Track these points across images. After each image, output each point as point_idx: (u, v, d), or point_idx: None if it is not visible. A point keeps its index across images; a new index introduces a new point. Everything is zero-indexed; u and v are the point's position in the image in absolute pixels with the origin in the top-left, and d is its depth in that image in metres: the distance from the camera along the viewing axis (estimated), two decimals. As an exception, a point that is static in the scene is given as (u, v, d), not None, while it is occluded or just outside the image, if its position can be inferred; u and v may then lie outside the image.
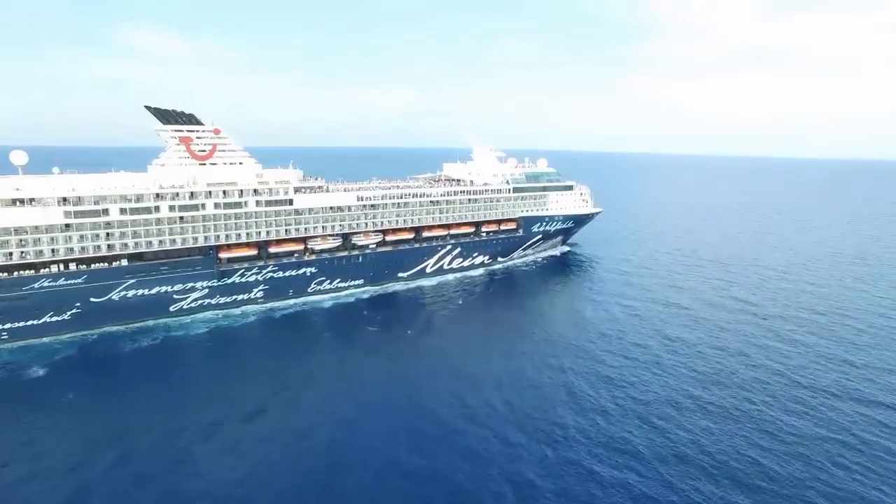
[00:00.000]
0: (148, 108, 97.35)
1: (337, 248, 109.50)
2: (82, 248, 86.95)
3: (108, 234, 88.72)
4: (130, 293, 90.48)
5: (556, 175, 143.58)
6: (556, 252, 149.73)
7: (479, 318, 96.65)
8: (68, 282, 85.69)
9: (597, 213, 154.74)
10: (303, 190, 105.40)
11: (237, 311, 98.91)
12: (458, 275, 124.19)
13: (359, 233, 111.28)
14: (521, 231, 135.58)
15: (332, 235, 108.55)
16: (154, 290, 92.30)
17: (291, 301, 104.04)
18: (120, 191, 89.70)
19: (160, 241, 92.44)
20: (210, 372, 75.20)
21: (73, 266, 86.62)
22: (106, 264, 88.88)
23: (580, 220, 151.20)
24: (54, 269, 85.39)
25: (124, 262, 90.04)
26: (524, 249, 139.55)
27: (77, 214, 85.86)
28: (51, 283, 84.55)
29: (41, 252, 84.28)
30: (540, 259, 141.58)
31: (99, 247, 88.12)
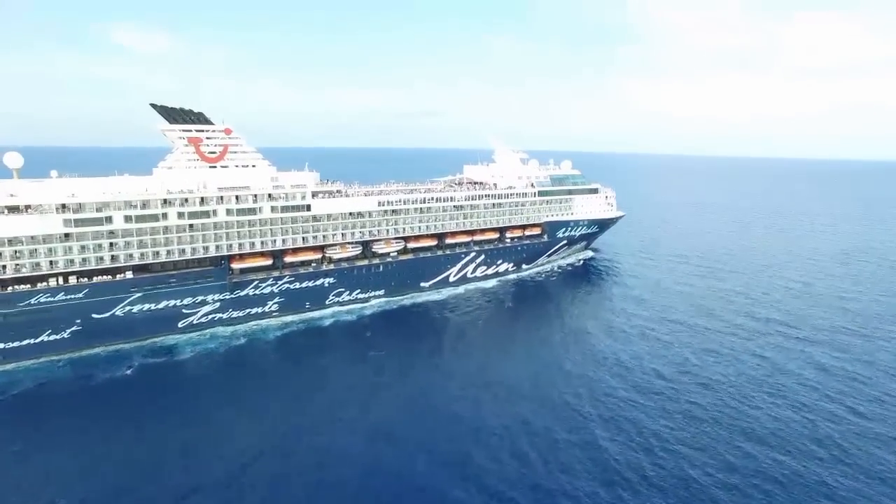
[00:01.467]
0: (154, 106, 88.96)
1: (356, 257, 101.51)
2: (83, 260, 78.69)
3: (111, 244, 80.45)
4: (136, 308, 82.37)
5: (580, 178, 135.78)
6: (580, 258, 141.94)
7: (496, 342, 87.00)
8: (68, 297, 77.52)
9: (620, 217, 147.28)
10: (320, 194, 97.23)
11: (250, 326, 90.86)
12: (481, 284, 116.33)
13: (380, 240, 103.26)
14: (545, 236, 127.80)
15: (352, 243, 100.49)
16: (161, 305, 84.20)
17: (308, 314, 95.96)
18: (124, 196, 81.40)
19: (168, 252, 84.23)
20: (207, 409, 65.53)
21: (72, 279, 78.40)
22: (109, 277, 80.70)
23: (604, 225, 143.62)
24: (52, 282, 77.13)
25: (129, 275, 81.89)
26: (548, 256, 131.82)
27: (77, 223, 77.56)
28: (49, 299, 76.37)
29: (38, 265, 76.00)
30: (563, 266, 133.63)
31: (101, 258, 79.88)
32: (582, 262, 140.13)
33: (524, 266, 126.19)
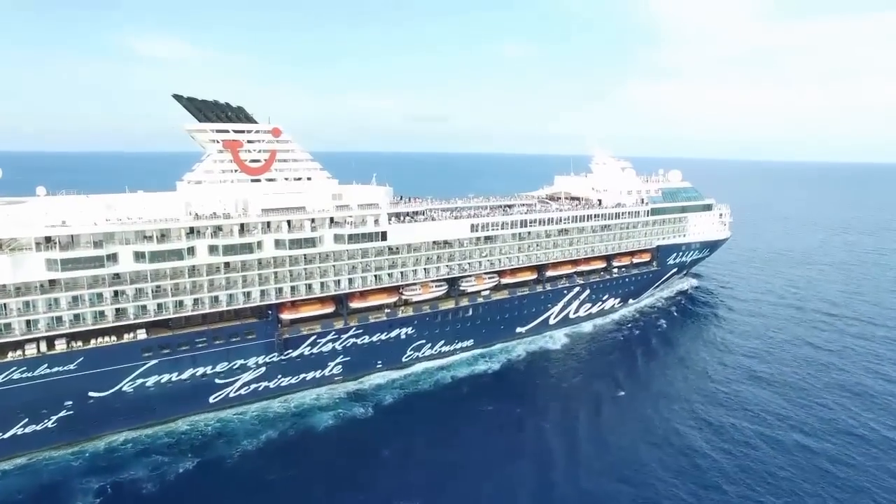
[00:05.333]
0: (178, 97, 63.62)
1: (440, 298, 75.13)
2: (76, 317, 53.12)
3: (116, 294, 54.80)
4: (150, 381, 56.73)
5: (693, 191, 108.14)
6: (684, 287, 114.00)
7: (610, 427, 60.30)
8: (53, 370, 52.09)
9: (728, 239, 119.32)
10: (398, 217, 71.00)
11: (306, 396, 64.86)
12: (586, 325, 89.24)
13: (469, 276, 76.73)
14: (655, 264, 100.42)
15: (436, 281, 74.11)
16: (186, 374, 58.52)
17: (380, 377, 69.69)
18: (135, 224, 55.84)
19: (195, 301, 58.45)
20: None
21: (60, 345, 52.94)
22: (113, 339, 55.14)
23: (714, 247, 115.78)
24: (30, 350, 51.73)
25: (142, 335, 56.29)
26: (656, 287, 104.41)
27: (68, 264, 51.74)
28: (24, 374, 50.96)
29: (9, 326, 50.51)
30: (669, 299, 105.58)
31: (102, 313, 54.25)
32: (688, 291, 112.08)
33: (630, 301, 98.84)
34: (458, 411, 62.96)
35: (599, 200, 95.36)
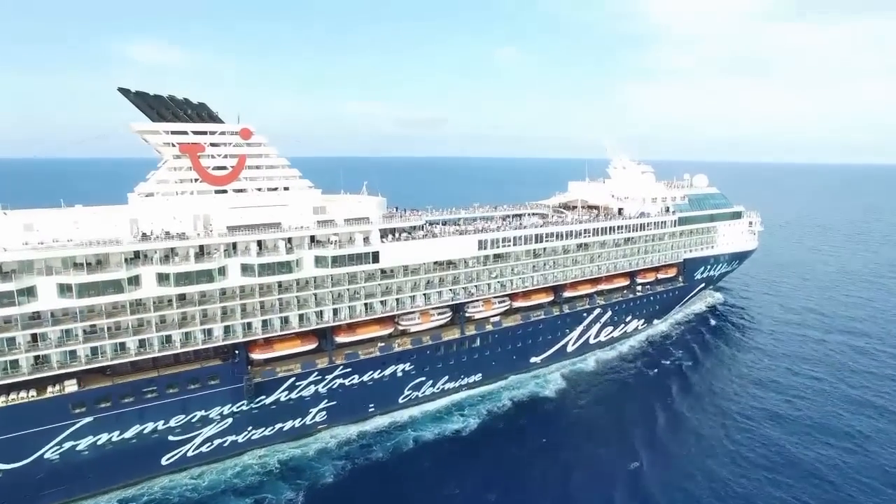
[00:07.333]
0: (125, 92, 51.67)
1: (442, 327, 63.19)
2: (-21, 370, 41.28)
3: (34, 339, 42.88)
4: (83, 443, 44.75)
5: (721, 198, 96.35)
6: (710, 303, 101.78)
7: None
8: (-51, 438, 40.23)
9: (755, 250, 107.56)
10: (393, 233, 59.06)
11: (284, 451, 52.88)
12: (607, 354, 77.29)
13: (477, 300, 64.79)
14: (681, 279, 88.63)
15: (439, 308, 62.14)
16: (131, 433, 46.55)
17: (372, 424, 57.62)
18: (62, 249, 43.83)
19: (141, 343, 46.47)
20: None
21: (-41, 406, 41.07)
22: (31, 394, 43.16)
23: (742, 259, 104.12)
24: (-82, 415, 39.96)
25: (71, 387, 44.32)
26: (681, 305, 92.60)
27: (-33, 302, 39.98)
28: None
29: None
30: (682, 324, 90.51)
31: (15, 364, 42.24)
32: (714, 308, 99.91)
33: (655, 321, 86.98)
34: (415, 499, 47.91)
35: (620, 209, 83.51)
